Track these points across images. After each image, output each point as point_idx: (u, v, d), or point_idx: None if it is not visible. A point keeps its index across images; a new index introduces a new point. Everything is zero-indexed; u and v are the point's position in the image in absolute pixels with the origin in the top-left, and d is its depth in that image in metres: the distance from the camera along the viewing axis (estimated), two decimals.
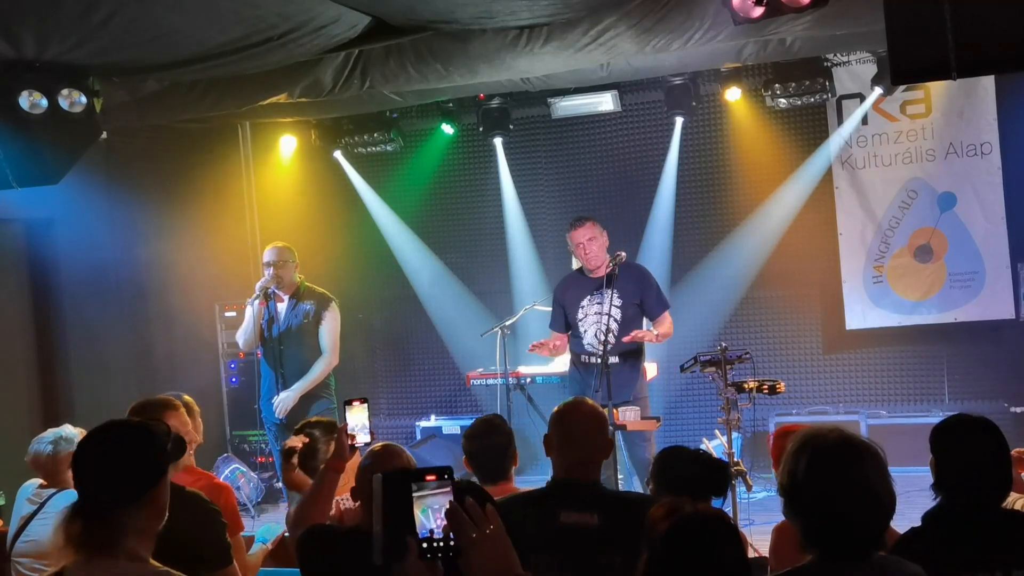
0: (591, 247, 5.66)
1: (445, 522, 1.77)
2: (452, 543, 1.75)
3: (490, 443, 3.47)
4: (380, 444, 3.02)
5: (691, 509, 2.05)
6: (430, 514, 1.80)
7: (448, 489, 1.80)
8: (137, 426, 2.27)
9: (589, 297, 5.70)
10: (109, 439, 2.20)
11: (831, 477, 2.07)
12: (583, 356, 5.73)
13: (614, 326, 5.57)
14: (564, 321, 5.84)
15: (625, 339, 5.53)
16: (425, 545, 1.74)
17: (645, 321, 5.80)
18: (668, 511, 2.05)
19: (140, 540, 2.12)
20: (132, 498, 2.13)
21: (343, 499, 3.37)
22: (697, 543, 1.96)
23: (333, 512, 3.23)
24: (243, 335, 6.03)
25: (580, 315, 5.73)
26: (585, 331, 5.69)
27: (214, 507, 3.13)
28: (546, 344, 5.75)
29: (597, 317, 5.61)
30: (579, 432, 3.01)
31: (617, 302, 5.59)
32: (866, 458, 2.09)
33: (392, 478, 1.80)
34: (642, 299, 5.65)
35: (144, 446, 2.20)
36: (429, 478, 1.81)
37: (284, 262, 5.94)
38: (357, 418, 3.19)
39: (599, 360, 5.44)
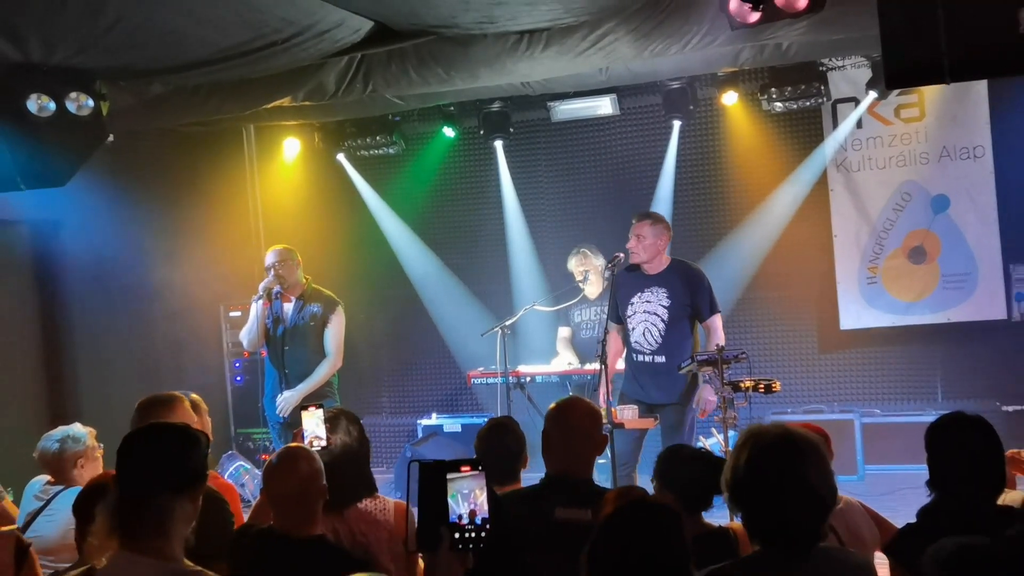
0: (633, 244, 5.53)
1: (474, 507, 1.80)
2: (483, 532, 1.78)
3: (501, 444, 3.47)
4: (284, 447, 2.97)
5: (639, 496, 2.08)
6: (459, 499, 1.83)
7: (480, 475, 1.83)
8: (184, 428, 2.36)
9: (639, 294, 5.59)
10: (161, 432, 2.32)
11: (769, 473, 2.09)
12: (632, 354, 5.62)
13: (660, 325, 5.50)
14: (619, 314, 5.73)
15: (701, 414, 5.43)
16: (457, 535, 1.76)
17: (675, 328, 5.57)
18: (617, 495, 2.08)
19: (175, 537, 2.16)
20: (180, 487, 2.20)
21: None
22: (634, 528, 1.98)
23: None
24: (247, 334, 6.02)
25: (629, 311, 5.61)
26: (633, 328, 5.59)
27: (220, 496, 3.13)
28: (607, 379, 5.47)
29: (645, 316, 5.53)
30: (573, 429, 3.02)
31: (665, 301, 5.50)
32: (806, 453, 2.10)
33: (428, 468, 1.82)
34: (692, 301, 5.52)
35: (193, 443, 2.28)
36: (464, 469, 1.85)
37: (284, 262, 5.93)
38: (311, 423, 3.17)
39: (650, 359, 5.43)
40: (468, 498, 1.91)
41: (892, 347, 7.40)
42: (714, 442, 6.13)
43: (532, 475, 3.27)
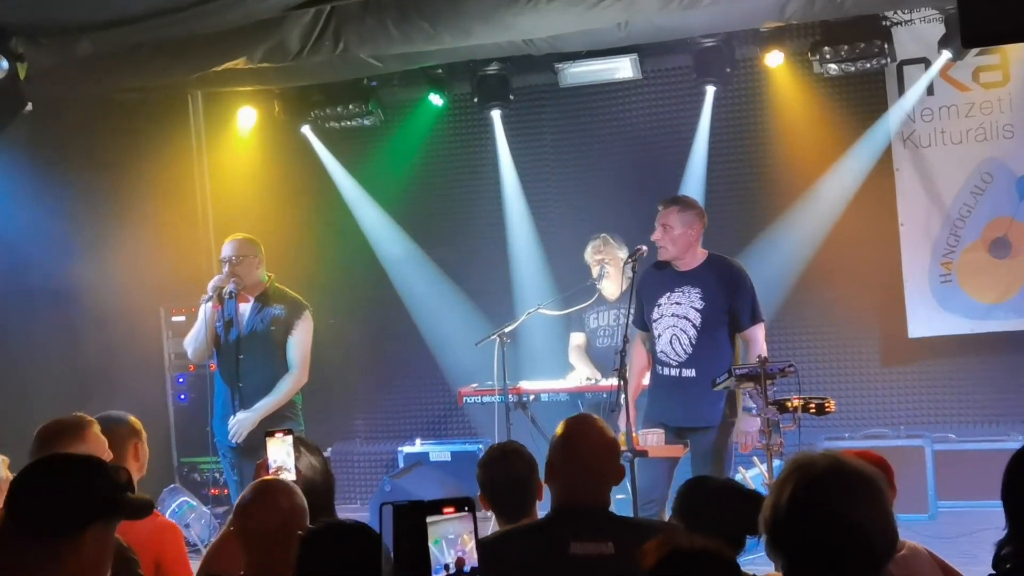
0: (660, 236, 5.50)
1: (462, 554, 1.80)
2: None
3: (510, 472, 3.47)
4: (261, 480, 3.01)
5: (687, 542, 2.08)
6: (443, 546, 1.83)
7: (467, 516, 1.84)
8: (82, 460, 2.33)
9: (668, 294, 5.55)
10: (50, 466, 2.29)
11: (815, 512, 2.08)
12: (657, 366, 5.60)
13: (691, 331, 5.47)
14: (644, 318, 5.71)
15: (742, 448, 5.40)
16: None
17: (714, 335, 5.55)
18: (661, 542, 2.08)
19: None
20: (55, 533, 2.16)
21: None
22: None
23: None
24: (193, 342, 6.01)
25: (656, 315, 5.58)
26: (659, 335, 5.56)
27: (130, 556, 3.10)
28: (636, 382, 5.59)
29: (674, 320, 5.50)
30: (588, 452, 3.03)
31: (699, 304, 5.47)
32: (860, 489, 2.10)
33: (404, 511, 1.83)
34: (731, 306, 5.47)
35: (96, 470, 2.26)
36: (447, 510, 1.85)
37: (244, 257, 5.91)
38: (278, 452, 3.20)
39: (678, 373, 5.44)
40: (454, 544, 1.92)
41: (970, 358, 7.40)
42: (755, 473, 6.13)
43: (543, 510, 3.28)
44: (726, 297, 5.48)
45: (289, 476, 3.17)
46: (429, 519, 1.89)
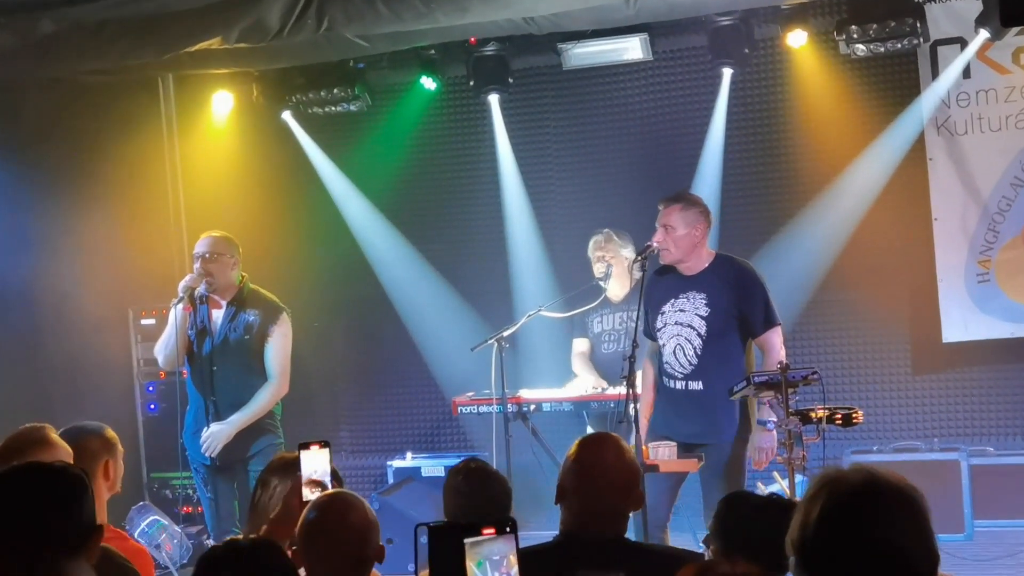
0: (661, 238, 5.49)
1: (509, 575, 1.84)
2: None
3: (490, 497, 3.47)
4: (328, 493, 3.03)
5: (726, 571, 2.06)
6: (487, 568, 1.86)
7: (510, 536, 1.86)
8: (65, 467, 2.43)
9: (672, 300, 5.56)
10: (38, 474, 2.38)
11: (848, 532, 2.07)
12: (664, 378, 5.61)
13: (696, 341, 5.47)
14: (649, 328, 5.73)
15: (755, 465, 5.43)
16: None
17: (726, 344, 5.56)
18: (696, 572, 2.07)
19: None
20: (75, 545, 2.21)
21: None
22: None
23: None
24: (163, 349, 6.03)
25: (659, 323, 5.59)
26: (664, 345, 5.58)
27: (129, 566, 3.13)
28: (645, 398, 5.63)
29: (678, 328, 5.50)
30: (602, 478, 3.02)
31: (703, 311, 5.47)
32: (897, 507, 2.09)
33: (441, 532, 1.86)
34: (741, 309, 5.48)
35: (82, 487, 2.36)
36: (486, 532, 1.87)
37: (219, 256, 5.91)
38: (317, 463, 3.22)
39: (683, 385, 5.45)
40: (499, 567, 1.95)
41: (1010, 365, 7.40)
42: (776, 489, 6.13)
43: (543, 533, 3.28)
44: (735, 301, 5.48)
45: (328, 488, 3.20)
46: (468, 540, 1.91)
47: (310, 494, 3.14)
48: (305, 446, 3.24)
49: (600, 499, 3.05)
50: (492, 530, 1.93)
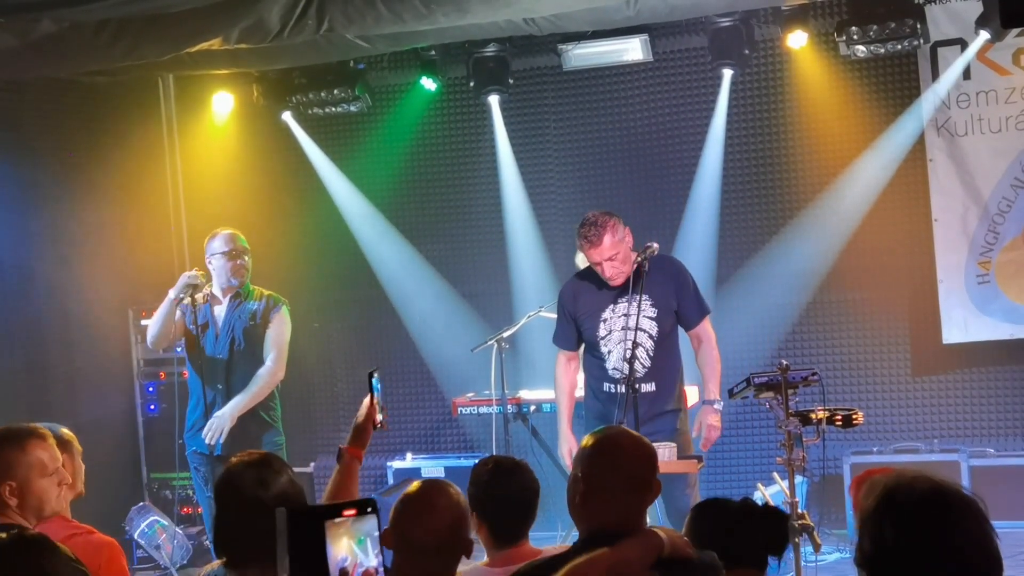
0: (614, 266, 5.44)
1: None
2: None
3: (517, 489, 3.47)
4: (417, 483, 3.03)
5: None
6: (368, 544, 1.92)
7: (372, 516, 1.93)
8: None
9: (612, 307, 5.58)
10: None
11: (930, 542, 2.07)
12: (606, 385, 5.62)
13: (648, 343, 5.49)
14: (577, 336, 5.73)
15: (703, 445, 5.50)
16: None
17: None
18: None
19: None
20: None
21: None
22: None
23: None
24: (153, 326, 6.09)
25: (602, 332, 5.60)
26: (610, 352, 5.58)
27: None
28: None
29: (624, 333, 5.47)
30: (621, 469, 3.00)
31: (651, 312, 5.50)
32: (967, 514, 2.09)
33: (297, 516, 1.91)
34: (680, 303, 5.55)
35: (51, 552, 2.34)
36: (347, 513, 1.93)
37: (242, 252, 6.06)
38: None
39: (636, 388, 5.41)
40: (378, 544, 2.05)
41: (1010, 366, 7.39)
42: (776, 490, 6.12)
43: (544, 534, 3.27)
44: (674, 296, 5.56)
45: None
46: (333, 521, 1.97)
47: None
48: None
49: (622, 489, 2.98)
50: (354, 511, 2.00)
